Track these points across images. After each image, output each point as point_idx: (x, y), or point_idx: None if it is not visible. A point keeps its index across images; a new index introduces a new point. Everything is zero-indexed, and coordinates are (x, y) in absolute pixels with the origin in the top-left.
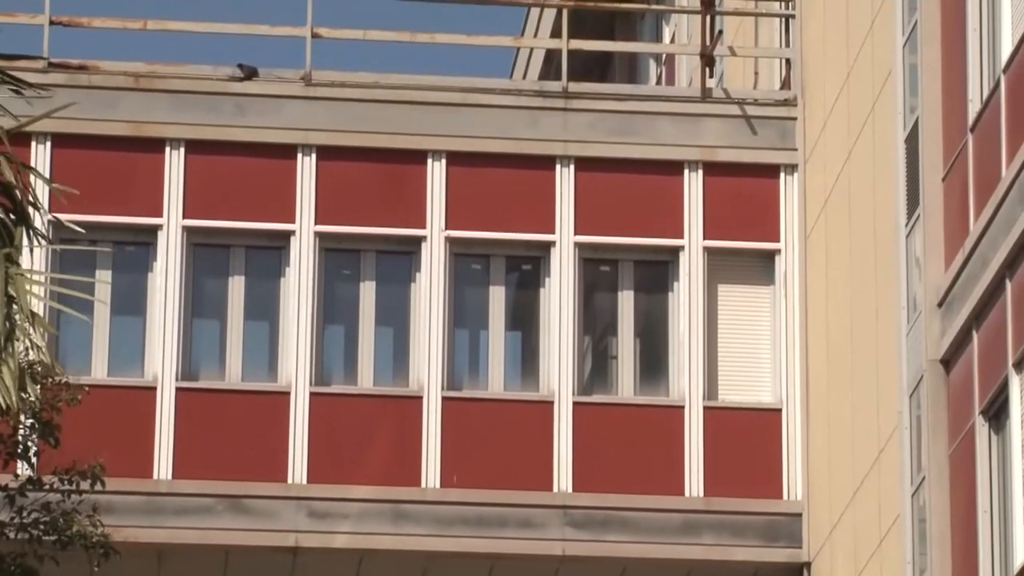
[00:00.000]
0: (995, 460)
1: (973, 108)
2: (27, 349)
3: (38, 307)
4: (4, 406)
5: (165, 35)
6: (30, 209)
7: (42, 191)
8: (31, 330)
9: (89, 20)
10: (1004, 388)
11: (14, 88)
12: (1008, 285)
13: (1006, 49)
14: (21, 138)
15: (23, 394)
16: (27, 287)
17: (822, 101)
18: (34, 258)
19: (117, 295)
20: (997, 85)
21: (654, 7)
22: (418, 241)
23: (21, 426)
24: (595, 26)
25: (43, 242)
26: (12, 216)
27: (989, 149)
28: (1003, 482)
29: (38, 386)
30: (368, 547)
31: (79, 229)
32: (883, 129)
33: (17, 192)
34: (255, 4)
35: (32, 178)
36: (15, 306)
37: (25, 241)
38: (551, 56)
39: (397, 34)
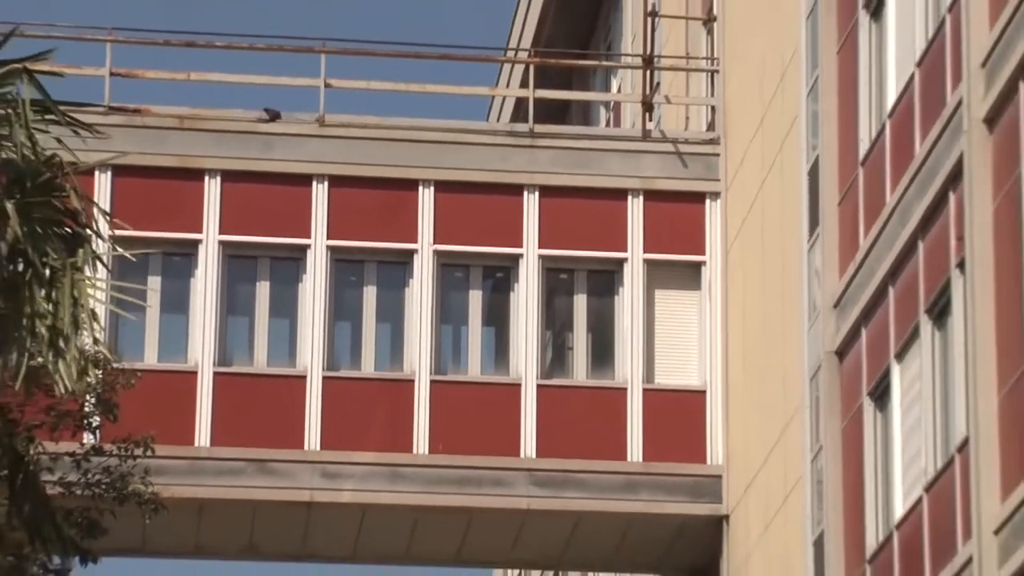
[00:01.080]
0: (879, 434)
1: (863, 146)
2: (92, 342)
3: (98, 308)
4: (69, 389)
5: (205, 84)
6: (91, 232)
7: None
8: (93, 326)
9: (143, 72)
10: (887, 375)
11: (75, 130)
12: (891, 291)
13: (891, 98)
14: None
15: (85, 377)
16: (89, 291)
17: (741, 141)
18: (97, 267)
19: (165, 296)
20: (883, 128)
21: (604, 63)
22: (411, 253)
23: (86, 404)
24: (556, 79)
25: (101, 265)
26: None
27: (876, 180)
28: (885, 453)
29: (99, 371)
30: (369, 502)
31: (131, 256)
32: (790, 164)
33: (82, 218)
34: (279, 58)
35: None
36: (79, 306)
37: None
38: (520, 103)
39: (394, 84)
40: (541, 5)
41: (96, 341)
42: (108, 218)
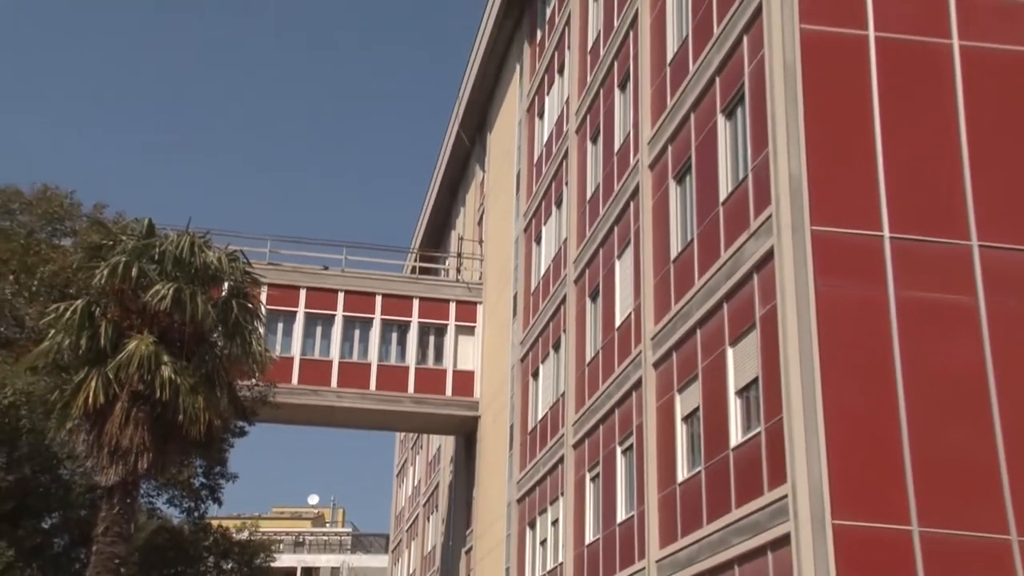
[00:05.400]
0: (534, 389)
1: (533, 286)
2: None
3: (261, 341)
4: (255, 375)
5: (302, 256)
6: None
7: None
8: (262, 351)
9: (279, 250)
10: (538, 365)
11: (255, 280)
12: (549, 330)
13: (542, 271)
14: (255, 287)
15: (260, 373)
16: (259, 336)
17: (491, 283)
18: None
19: (283, 331)
20: (539, 283)
21: (443, 255)
22: (371, 319)
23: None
24: (427, 259)
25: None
26: (254, 320)
27: (536, 300)
28: (537, 392)
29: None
30: (354, 406)
31: (269, 354)
32: (507, 294)
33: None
34: (328, 249)
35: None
36: (259, 343)
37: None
38: (414, 267)
39: (371, 258)
40: (424, 228)
41: (263, 355)
42: (264, 306)
